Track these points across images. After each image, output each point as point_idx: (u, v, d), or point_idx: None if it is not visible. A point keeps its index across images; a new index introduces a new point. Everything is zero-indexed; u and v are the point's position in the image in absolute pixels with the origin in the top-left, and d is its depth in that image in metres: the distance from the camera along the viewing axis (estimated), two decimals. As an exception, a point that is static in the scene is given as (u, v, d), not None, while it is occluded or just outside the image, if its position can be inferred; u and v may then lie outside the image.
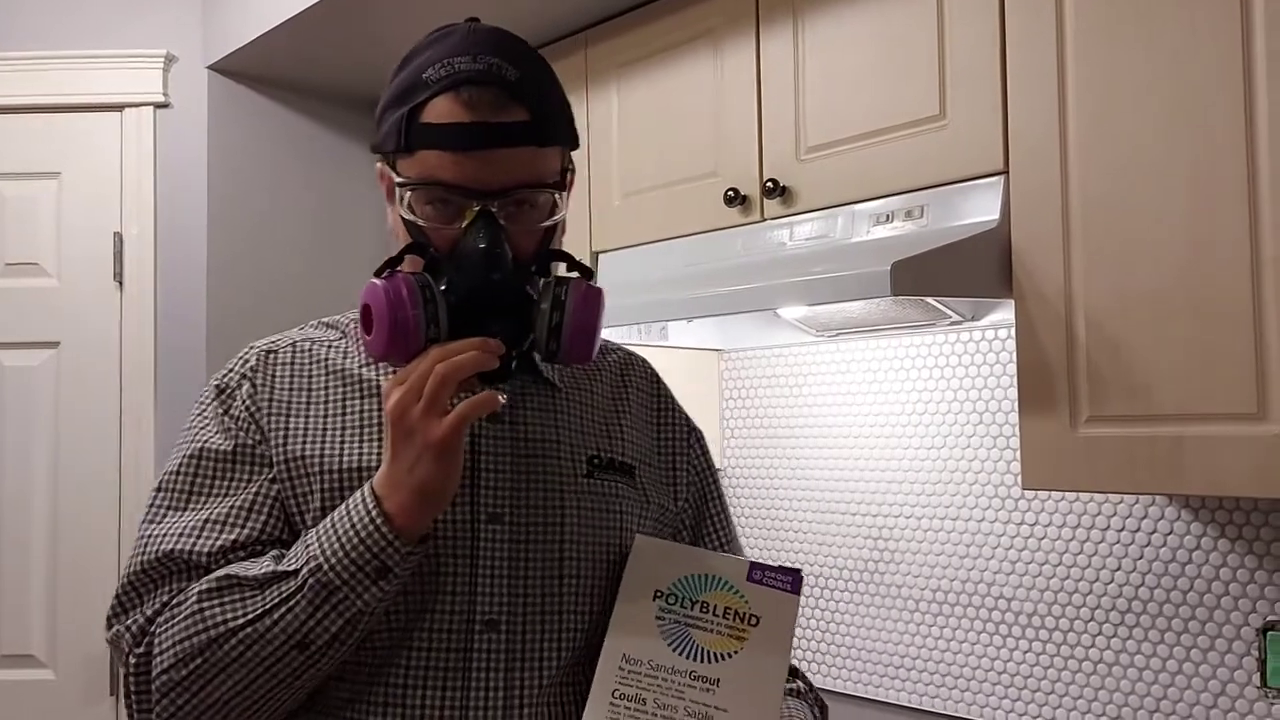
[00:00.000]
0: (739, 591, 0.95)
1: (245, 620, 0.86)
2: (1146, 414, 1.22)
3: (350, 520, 0.86)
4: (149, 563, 0.92)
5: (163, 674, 0.88)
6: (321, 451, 0.94)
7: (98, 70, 2.32)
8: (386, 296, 0.85)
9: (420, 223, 0.90)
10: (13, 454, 2.28)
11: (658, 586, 0.95)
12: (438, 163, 0.88)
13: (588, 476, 0.99)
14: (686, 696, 0.90)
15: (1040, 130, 1.31)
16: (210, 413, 0.98)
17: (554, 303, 0.89)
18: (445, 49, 0.91)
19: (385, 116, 0.93)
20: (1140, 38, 1.23)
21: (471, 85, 0.88)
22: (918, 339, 1.81)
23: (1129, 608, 1.55)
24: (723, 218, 1.72)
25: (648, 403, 1.11)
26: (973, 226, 1.36)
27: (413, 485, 0.84)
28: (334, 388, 0.98)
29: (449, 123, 0.88)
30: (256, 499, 0.93)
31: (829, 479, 1.94)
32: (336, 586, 0.85)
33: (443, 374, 0.83)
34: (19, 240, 2.31)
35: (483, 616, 0.92)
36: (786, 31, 1.64)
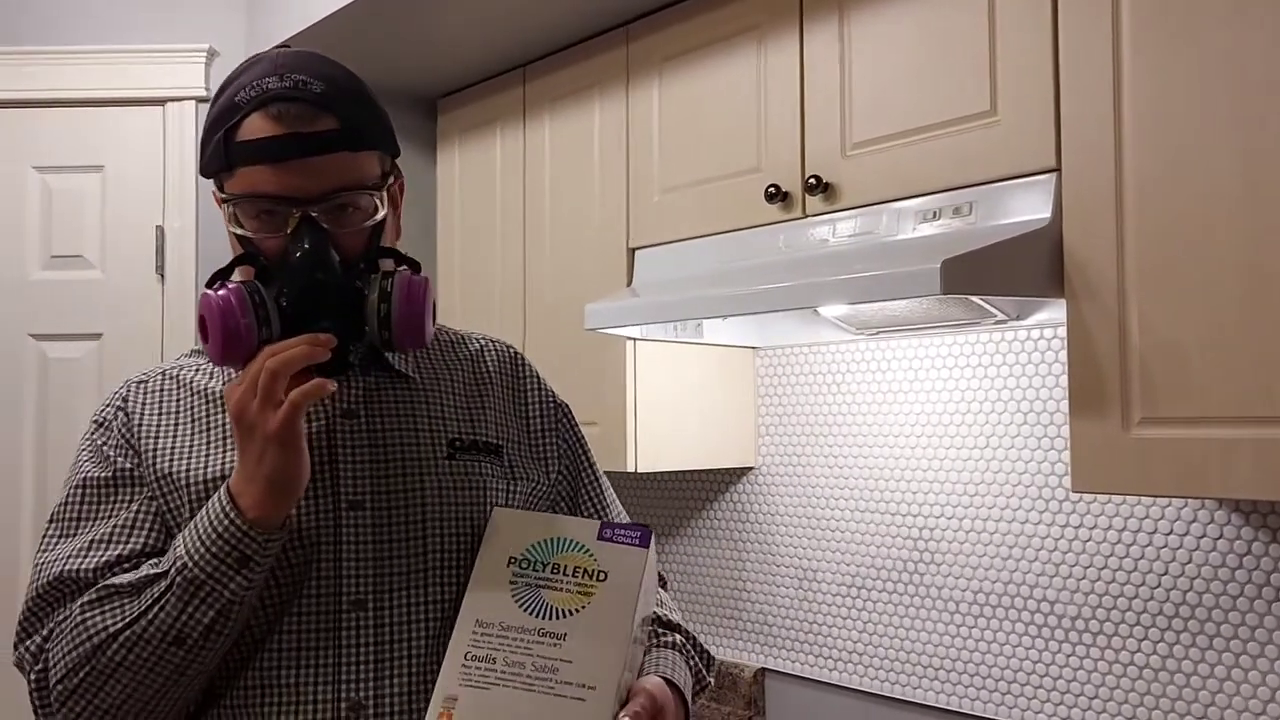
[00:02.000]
0: (589, 550, 0.99)
1: (124, 623, 0.92)
2: (1201, 416, 1.20)
3: (209, 518, 0.91)
4: (43, 588, 0.98)
5: (57, 684, 0.94)
6: (188, 466, 1.01)
7: (141, 65, 2.34)
8: (217, 305, 0.91)
9: (249, 235, 0.97)
10: (56, 443, 2.31)
11: (512, 554, 1.00)
12: (257, 177, 0.95)
13: (449, 458, 1.05)
14: (534, 652, 0.94)
15: (1094, 127, 1.29)
16: (89, 447, 1.05)
17: (380, 295, 0.95)
18: (254, 73, 0.97)
19: (207, 141, 0.99)
20: (1196, 33, 1.21)
21: (280, 101, 0.94)
22: (960, 338, 1.79)
23: (1176, 613, 1.53)
24: (763, 214, 1.71)
25: (511, 384, 1.16)
26: (1023, 224, 1.34)
27: (262, 477, 0.90)
28: (198, 407, 1.05)
29: (262, 137, 0.94)
30: (137, 516, 1.00)
31: (868, 479, 1.93)
32: (202, 580, 0.90)
33: (273, 369, 0.89)
34: (64, 233, 2.34)
35: (349, 597, 0.98)
36: (831, 26, 1.62)
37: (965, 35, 1.44)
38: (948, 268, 1.24)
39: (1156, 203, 1.24)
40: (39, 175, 2.34)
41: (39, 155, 2.35)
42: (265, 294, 0.94)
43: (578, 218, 2.11)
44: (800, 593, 2.04)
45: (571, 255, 2.12)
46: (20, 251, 2.33)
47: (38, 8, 2.35)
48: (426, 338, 0.98)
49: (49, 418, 2.32)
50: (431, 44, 2.20)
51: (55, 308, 2.33)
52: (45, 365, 2.33)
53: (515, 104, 2.28)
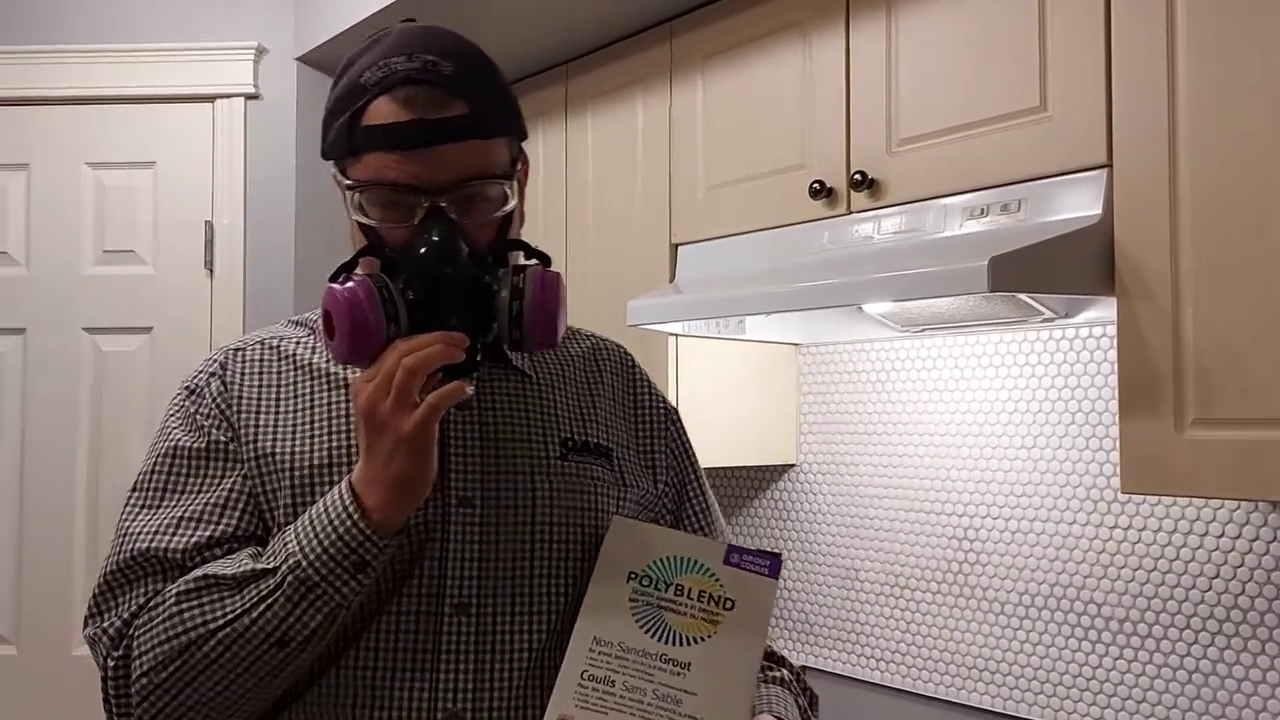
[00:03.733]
0: (715, 575, 0.94)
1: (224, 620, 0.86)
2: (1258, 417, 1.17)
3: (328, 516, 0.86)
4: (124, 562, 0.92)
5: (142, 677, 0.88)
6: (291, 448, 0.95)
7: (190, 63, 2.38)
8: (345, 299, 0.86)
9: (373, 224, 0.91)
10: (109, 434, 2.36)
11: (632, 568, 0.94)
12: (383, 163, 0.89)
13: (561, 459, 0.99)
14: (656, 679, 0.89)
15: (1147, 122, 1.27)
16: (180, 413, 0.99)
17: (513, 291, 0.90)
18: (380, 51, 0.92)
19: (329, 124, 0.94)
20: (1253, 26, 1.18)
21: (408, 84, 0.89)
22: (1007, 336, 1.77)
23: (1227, 617, 1.50)
24: (808, 210, 1.70)
25: (623, 386, 1.10)
26: (1073, 221, 1.32)
27: (389, 479, 0.85)
28: (302, 383, 0.98)
29: (389, 123, 0.89)
30: (230, 495, 0.94)
31: (913, 478, 1.91)
32: (315, 583, 0.85)
33: (409, 367, 0.84)
34: (117, 228, 2.38)
35: (453, 600, 0.92)
36: (878, 22, 1.61)
37: (1015, 30, 1.42)
38: (995, 265, 1.22)
39: (1212, 199, 1.22)
40: (93, 171, 2.39)
41: (92, 152, 2.39)
42: (393, 288, 0.88)
43: (620, 214, 2.11)
44: (843, 591, 2.02)
45: (614, 251, 2.12)
46: (75, 246, 2.38)
47: (91, 8, 2.40)
48: (558, 338, 0.92)
49: (102, 409, 2.37)
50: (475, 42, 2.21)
51: (108, 301, 2.38)
52: (99, 358, 2.37)
53: (558, 101, 2.29)
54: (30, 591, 2.35)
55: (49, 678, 2.33)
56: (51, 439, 2.36)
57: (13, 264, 2.39)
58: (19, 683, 2.33)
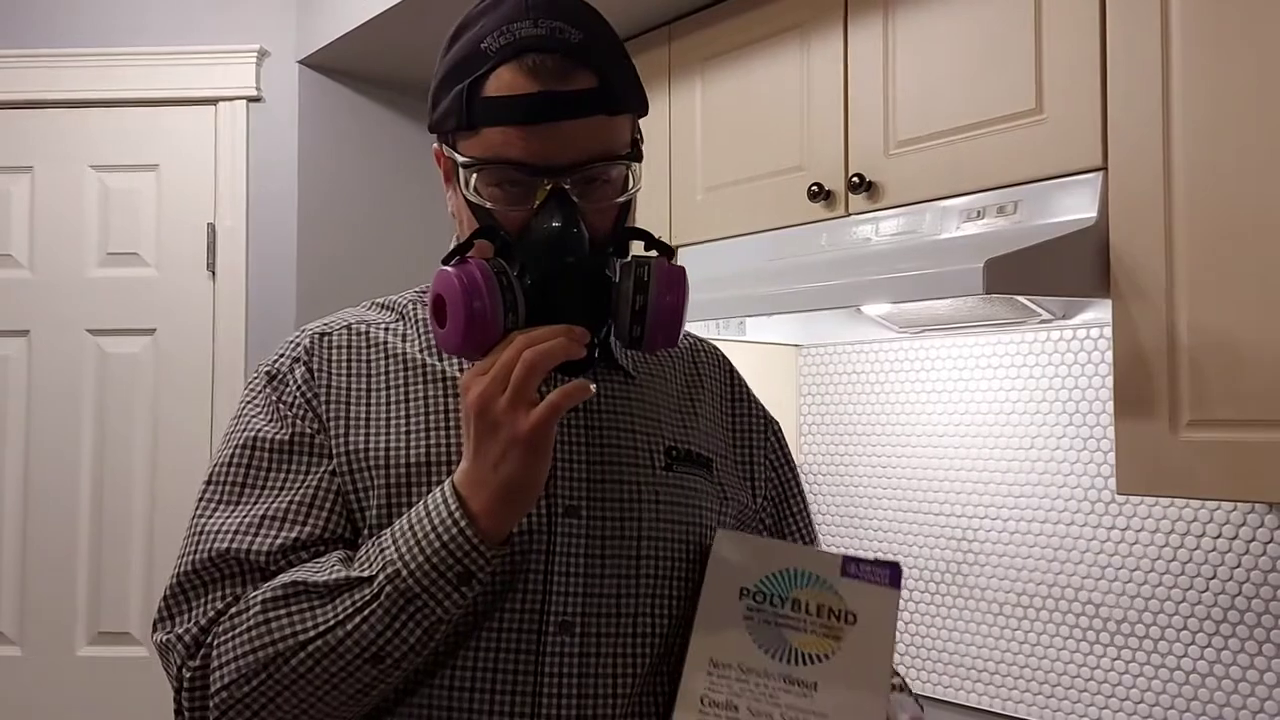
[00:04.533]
0: (833, 588, 0.88)
1: (316, 632, 0.79)
2: (1252, 419, 1.18)
3: (431, 522, 0.79)
4: (201, 562, 0.84)
5: (222, 690, 0.81)
6: (385, 444, 0.87)
7: (193, 66, 2.39)
8: (461, 285, 0.78)
9: (488, 205, 0.84)
10: (112, 436, 2.37)
11: (744, 584, 0.88)
12: (503, 139, 0.81)
13: (665, 469, 0.93)
14: (782, 702, 0.83)
15: (1142, 125, 1.28)
16: (262, 400, 0.91)
17: (636, 285, 0.83)
18: (502, 15, 0.84)
19: (441, 93, 0.86)
20: (1247, 29, 1.19)
21: (534, 52, 0.81)
22: (1005, 337, 1.78)
23: (1224, 617, 1.50)
24: (806, 212, 1.71)
25: (722, 392, 1.05)
26: (1069, 224, 1.33)
27: (498, 483, 0.77)
28: (394, 373, 0.91)
29: (514, 95, 0.81)
30: (317, 493, 0.86)
31: (911, 478, 1.92)
32: (416, 594, 0.78)
33: (531, 362, 0.76)
34: (120, 231, 2.39)
35: (557, 618, 0.85)
36: (876, 25, 1.61)
37: (1011, 33, 1.43)
38: (991, 267, 1.23)
39: (1206, 201, 1.22)
40: (96, 174, 2.40)
41: (96, 154, 2.40)
42: (510, 275, 0.81)
43: (620, 216, 2.11)
44: (841, 591, 2.03)
45: (614, 253, 2.13)
46: (78, 249, 2.39)
47: (94, 11, 2.41)
48: (679, 338, 0.85)
49: (105, 411, 2.38)
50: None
51: (111, 304, 2.39)
52: (102, 360, 2.38)
53: (559, 103, 2.29)
54: (35, 592, 2.36)
55: (53, 678, 2.34)
56: (55, 440, 2.37)
57: (16, 266, 2.40)
58: (23, 683, 2.34)
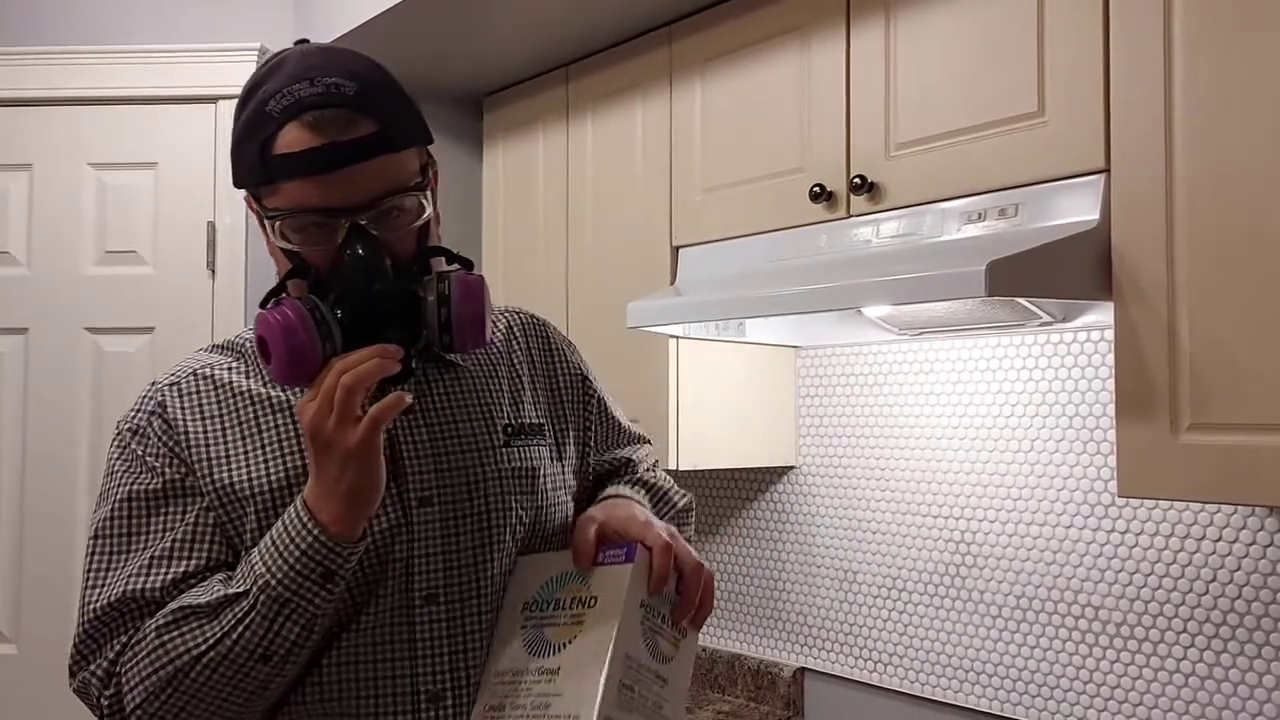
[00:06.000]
0: (584, 579, 0.97)
1: (207, 645, 0.89)
2: (1253, 422, 1.18)
3: (289, 535, 0.89)
4: (103, 610, 0.94)
5: (136, 709, 0.91)
6: (247, 475, 0.97)
7: (193, 64, 2.38)
8: (278, 324, 0.88)
9: (296, 248, 0.94)
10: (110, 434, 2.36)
11: (525, 598, 1.00)
12: (300, 190, 0.91)
13: (505, 445, 1.05)
14: (534, 692, 0.93)
15: (1145, 127, 1.28)
16: (128, 456, 1.00)
17: (439, 298, 0.93)
18: (283, 78, 0.93)
19: (238, 152, 0.96)
20: (1250, 32, 1.19)
21: (314, 109, 0.90)
22: (1006, 339, 1.78)
23: (1224, 620, 1.50)
24: (807, 214, 1.71)
25: (541, 359, 1.15)
26: (1070, 226, 1.33)
27: (341, 493, 0.88)
28: (244, 409, 1.01)
29: (300, 150, 0.90)
30: (196, 529, 0.96)
31: (910, 480, 1.92)
32: (287, 598, 0.89)
33: (348, 385, 0.86)
34: (118, 229, 2.39)
35: (421, 592, 0.98)
36: (878, 26, 1.61)
37: (1013, 35, 1.43)
38: (993, 269, 1.23)
39: (1208, 204, 1.22)
40: (94, 172, 2.40)
41: (94, 152, 2.40)
42: (324, 308, 0.91)
43: (620, 216, 2.11)
44: (840, 593, 2.03)
45: (614, 254, 2.13)
46: (76, 246, 2.39)
47: (93, 9, 2.40)
48: (487, 337, 0.96)
49: (103, 409, 2.37)
50: (477, 43, 2.22)
51: (109, 302, 2.38)
52: (100, 358, 2.38)
53: (559, 103, 2.29)
54: (31, 591, 2.35)
55: (49, 677, 2.33)
56: (53, 438, 2.37)
57: (15, 264, 2.39)
58: (19, 681, 2.34)
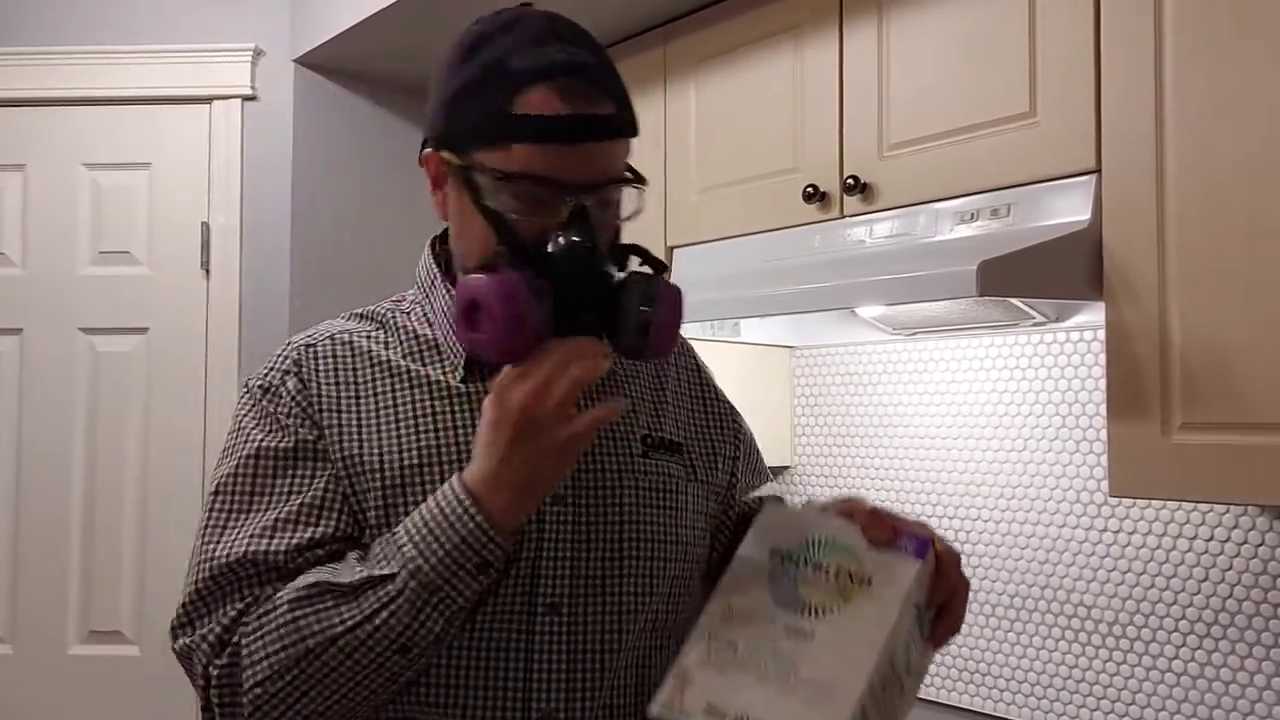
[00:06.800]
0: (857, 555, 0.91)
1: (344, 628, 0.84)
2: (1244, 422, 1.18)
3: (446, 519, 0.83)
4: (220, 569, 0.88)
5: (256, 686, 0.85)
6: (379, 449, 0.92)
7: (187, 64, 2.38)
8: (499, 291, 0.82)
9: (510, 214, 0.87)
10: (104, 435, 2.36)
11: (778, 545, 0.94)
12: (537, 156, 0.85)
13: (643, 456, 0.99)
14: (779, 644, 0.88)
15: (1136, 129, 1.28)
16: (258, 413, 0.94)
17: (642, 300, 0.87)
18: (527, 36, 0.87)
19: (458, 107, 0.88)
20: (1240, 32, 1.19)
21: (567, 75, 0.85)
22: (999, 339, 1.78)
23: (1215, 619, 1.51)
24: (801, 214, 1.71)
25: (690, 379, 1.11)
26: (1062, 226, 1.33)
27: (518, 484, 0.83)
28: (380, 379, 0.95)
29: (548, 114, 0.84)
30: (325, 495, 0.91)
31: (904, 480, 1.92)
32: (438, 586, 0.83)
33: (577, 377, 0.81)
34: (112, 229, 2.39)
35: (545, 600, 0.91)
36: (871, 27, 1.61)
37: (1005, 36, 1.43)
38: (984, 269, 1.23)
39: (1199, 204, 1.23)
40: (88, 172, 2.39)
41: (88, 153, 2.39)
42: (541, 286, 0.84)
43: (615, 216, 2.11)
44: (834, 593, 2.03)
45: (608, 254, 2.13)
46: (70, 247, 2.38)
47: (87, 9, 2.40)
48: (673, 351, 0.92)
49: (98, 409, 2.37)
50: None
51: (103, 302, 2.38)
52: (94, 358, 2.38)
53: (554, 103, 2.29)
54: (26, 590, 2.35)
55: (44, 677, 2.33)
56: (47, 439, 2.36)
57: (9, 264, 2.39)
58: (14, 682, 2.34)
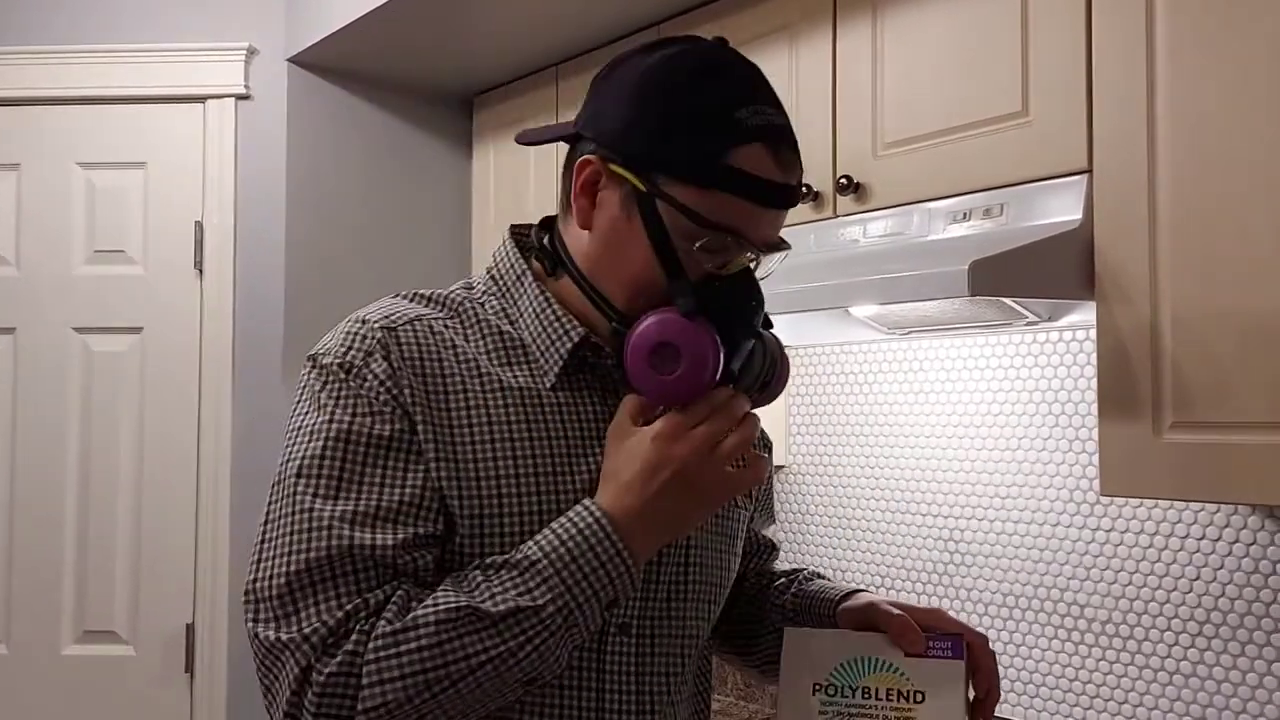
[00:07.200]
0: (899, 669, 0.92)
1: (488, 657, 0.81)
2: (1234, 421, 1.18)
3: (594, 553, 0.83)
4: (320, 558, 0.82)
5: (381, 705, 0.80)
6: (471, 454, 0.87)
7: (182, 63, 2.38)
8: (713, 344, 0.85)
9: (687, 250, 0.87)
10: (98, 435, 2.36)
11: (815, 680, 0.94)
12: (738, 211, 0.86)
13: None
14: None
15: (1127, 129, 1.28)
16: (343, 390, 0.87)
17: (770, 361, 0.92)
18: (746, 88, 0.88)
19: (670, 135, 0.86)
20: (1230, 33, 1.20)
21: (785, 144, 0.88)
22: (992, 338, 1.78)
23: (1207, 618, 1.51)
24: (794, 214, 1.69)
25: None
26: (1054, 226, 1.33)
27: (662, 524, 0.85)
28: (469, 378, 0.90)
29: (764, 178, 0.86)
30: (424, 493, 0.86)
31: (899, 479, 1.92)
32: (576, 620, 0.83)
33: (747, 437, 0.85)
34: (107, 228, 2.39)
35: (617, 620, 0.91)
36: (865, 27, 1.62)
37: (998, 36, 1.44)
38: (975, 269, 1.23)
39: (1190, 204, 1.23)
40: (83, 171, 2.39)
41: (83, 152, 2.39)
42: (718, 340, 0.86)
43: (609, 216, 2.11)
44: (828, 592, 2.03)
45: (603, 253, 2.13)
46: (65, 246, 2.38)
47: (82, 8, 2.40)
48: None
49: (92, 409, 2.37)
50: (467, 43, 2.22)
51: (98, 302, 2.38)
52: (88, 358, 2.38)
53: (548, 102, 2.29)
54: (20, 591, 2.35)
55: (38, 677, 2.33)
56: (41, 438, 2.36)
57: (3, 263, 2.39)
58: (8, 682, 2.33)
